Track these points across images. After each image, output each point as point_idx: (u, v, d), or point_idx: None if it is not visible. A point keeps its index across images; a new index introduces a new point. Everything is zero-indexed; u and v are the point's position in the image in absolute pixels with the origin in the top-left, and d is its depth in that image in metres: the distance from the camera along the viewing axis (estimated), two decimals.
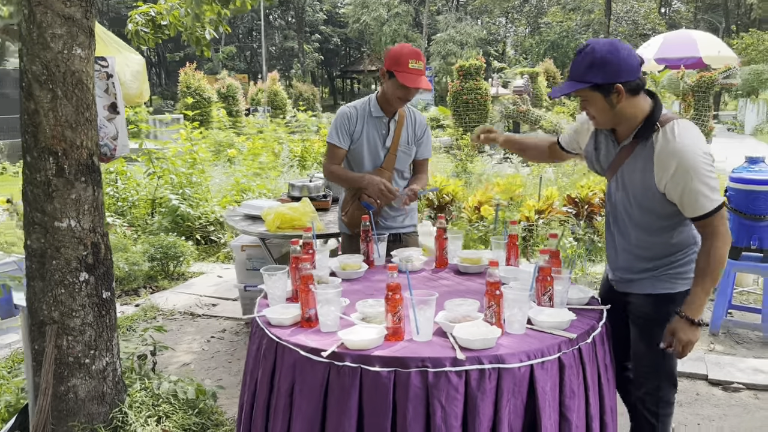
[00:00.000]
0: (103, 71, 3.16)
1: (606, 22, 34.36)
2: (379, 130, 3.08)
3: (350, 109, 3.08)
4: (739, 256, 4.08)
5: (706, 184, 2.00)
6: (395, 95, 2.91)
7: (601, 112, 2.13)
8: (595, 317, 2.16)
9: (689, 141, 2.02)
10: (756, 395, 3.38)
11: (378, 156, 3.09)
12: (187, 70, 17.77)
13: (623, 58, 2.04)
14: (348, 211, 3.14)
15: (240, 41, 45.77)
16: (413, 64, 2.82)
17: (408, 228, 3.25)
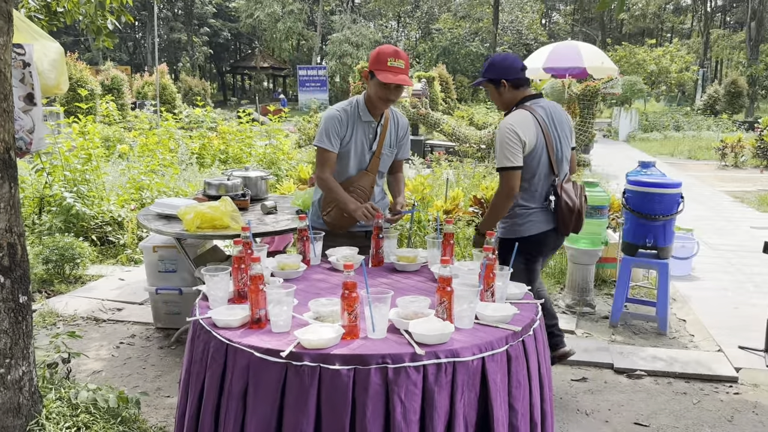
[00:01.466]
0: (20, 59, 2.92)
1: (494, 31, 35.92)
2: (367, 134, 3.07)
3: (340, 113, 3.02)
4: (636, 252, 4.42)
5: (500, 149, 2.97)
6: (377, 96, 2.91)
7: (494, 98, 3.20)
8: (532, 311, 2.27)
9: (507, 120, 3.01)
10: (656, 381, 3.68)
11: (364, 159, 3.09)
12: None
13: (508, 64, 3.09)
14: (331, 212, 3.12)
15: (122, 31, 43.51)
16: (392, 61, 2.84)
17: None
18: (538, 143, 2.97)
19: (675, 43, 37.42)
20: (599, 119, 25.50)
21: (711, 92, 28.96)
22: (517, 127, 2.93)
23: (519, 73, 3.05)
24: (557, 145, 3.06)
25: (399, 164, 3.31)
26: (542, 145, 2.99)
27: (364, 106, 3.03)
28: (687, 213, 5.56)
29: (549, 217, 3.09)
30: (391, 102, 2.97)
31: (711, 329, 4.42)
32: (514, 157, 2.91)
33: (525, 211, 3.08)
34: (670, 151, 18.04)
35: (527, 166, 2.99)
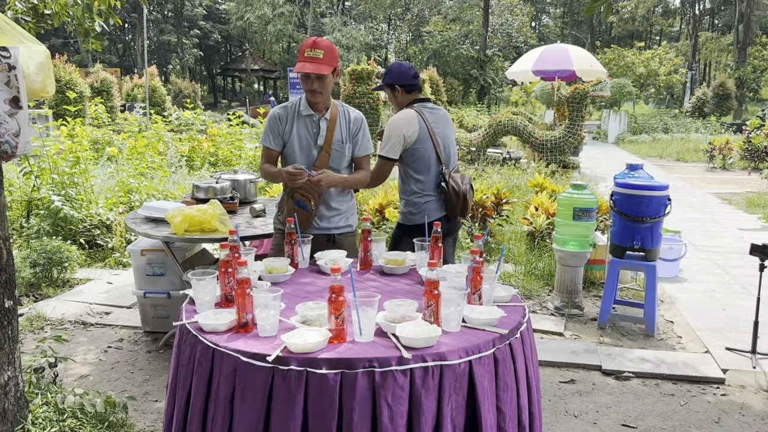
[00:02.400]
0: (5, 62, 2.90)
1: (484, 34, 36.04)
2: (309, 128, 3.09)
3: (280, 110, 3.12)
4: (624, 255, 4.44)
5: (384, 141, 3.34)
6: (304, 86, 2.98)
7: (391, 100, 3.52)
8: (519, 314, 2.28)
9: (394, 118, 3.38)
10: (644, 382, 3.70)
11: (311, 155, 3.10)
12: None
13: (402, 71, 3.44)
14: (284, 211, 3.12)
15: (111, 33, 43.31)
16: (309, 52, 2.91)
17: (343, 229, 3.23)
18: (422, 137, 3.36)
19: (664, 45, 37.69)
20: (588, 121, 25.65)
21: (699, 95, 29.17)
22: (402, 125, 3.33)
23: (411, 79, 3.45)
24: (442, 140, 3.46)
25: (360, 161, 3.24)
26: (427, 139, 3.38)
27: (305, 101, 3.08)
28: (675, 215, 5.59)
29: (440, 205, 3.44)
30: (315, 93, 3.01)
31: (698, 331, 4.45)
32: (393, 152, 3.34)
33: (419, 200, 3.43)
34: (659, 153, 18.16)
35: (418, 157, 3.38)
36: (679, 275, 5.87)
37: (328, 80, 3.00)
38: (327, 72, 2.95)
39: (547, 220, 6.12)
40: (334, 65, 3.00)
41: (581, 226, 4.62)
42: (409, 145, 3.35)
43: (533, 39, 40.78)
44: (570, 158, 12.29)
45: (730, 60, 36.09)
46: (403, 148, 3.36)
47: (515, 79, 14.96)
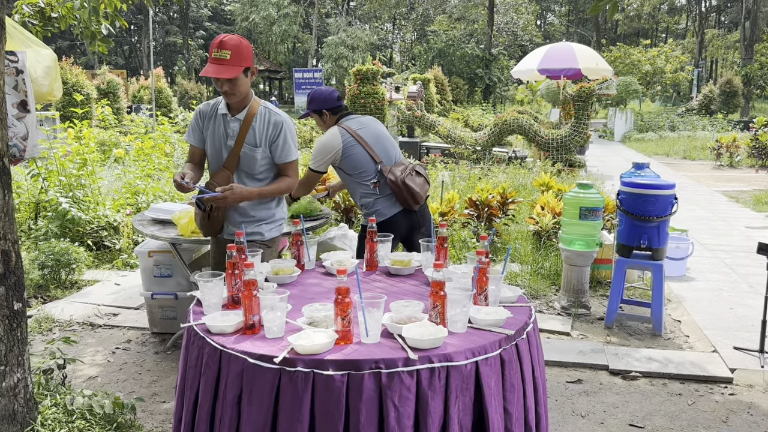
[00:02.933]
0: (13, 66, 2.92)
1: (489, 33, 36.00)
2: (224, 128, 2.95)
3: (204, 107, 3.03)
4: (631, 254, 4.43)
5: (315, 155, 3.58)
6: (218, 87, 2.83)
7: (319, 124, 3.70)
8: (526, 314, 2.28)
9: (319, 139, 3.58)
10: (651, 382, 3.70)
11: (220, 155, 2.97)
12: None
13: (326, 96, 3.63)
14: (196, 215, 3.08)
15: (118, 36, 43.49)
16: (215, 53, 2.74)
17: (250, 236, 2.95)
18: (348, 145, 3.53)
19: (670, 43, 37.53)
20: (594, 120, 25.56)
21: (706, 92, 29.04)
22: (326, 143, 3.53)
23: (335, 102, 3.64)
24: (373, 141, 3.59)
25: (283, 168, 3.06)
26: (355, 145, 3.54)
27: (223, 100, 2.96)
28: (682, 213, 5.58)
29: (391, 201, 3.57)
30: (226, 95, 2.86)
31: (706, 330, 4.43)
32: (321, 166, 3.58)
33: (368, 200, 3.58)
34: (666, 151, 18.09)
35: (354, 163, 3.55)
36: (686, 274, 5.85)
37: (240, 81, 2.81)
38: (234, 75, 2.75)
39: (554, 219, 6.11)
40: (244, 65, 2.79)
41: (588, 225, 4.62)
42: (339, 157, 3.54)
43: (538, 37, 40.71)
44: (576, 157, 12.26)
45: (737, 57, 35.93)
46: (332, 162, 3.59)
47: (521, 78, 14.94)
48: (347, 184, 3.70)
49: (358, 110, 11.95)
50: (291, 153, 3.04)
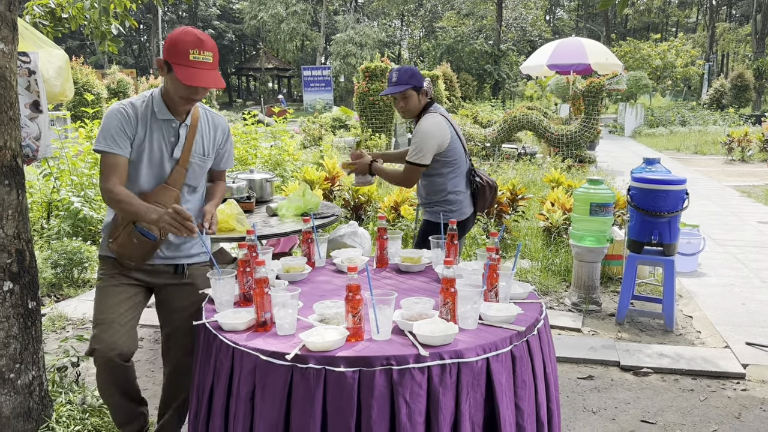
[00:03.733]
0: (25, 67, 2.95)
1: (497, 28, 35.87)
2: (166, 137, 2.44)
3: (127, 108, 2.38)
4: (642, 250, 4.42)
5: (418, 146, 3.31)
6: (177, 94, 2.33)
7: (411, 105, 3.38)
8: (536, 310, 2.28)
9: (427, 124, 3.31)
10: (663, 378, 3.69)
11: (162, 170, 2.46)
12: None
13: (420, 73, 3.38)
14: (119, 238, 2.44)
15: (127, 35, 43.75)
16: (195, 55, 2.26)
17: (195, 257, 2.64)
18: (452, 138, 3.41)
19: (680, 37, 37.26)
20: (604, 115, 25.45)
21: (717, 86, 28.82)
22: (436, 133, 3.32)
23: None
24: (462, 137, 3.55)
25: (219, 174, 2.78)
26: (456, 139, 3.45)
27: (161, 101, 2.42)
28: (693, 209, 5.55)
29: (470, 201, 3.54)
30: (194, 102, 2.41)
31: (718, 325, 4.41)
32: (425, 158, 3.34)
33: (456, 198, 3.47)
34: (677, 146, 17.98)
35: (452, 158, 3.42)
36: (697, 270, 5.82)
37: None
38: (223, 83, 2.36)
39: (564, 215, 6.09)
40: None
41: (598, 221, 4.60)
42: (444, 147, 3.37)
43: (548, 33, 40.53)
44: (586, 153, 12.22)
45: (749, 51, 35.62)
46: (436, 152, 3.37)
47: (530, 74, 14.90)
48: (434, 178, 3.45)
49: (367, 108, 11.96)
50: (232, 158, 2.78)
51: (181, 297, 2.61)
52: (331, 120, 17.84)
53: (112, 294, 2.46)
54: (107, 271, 2.51)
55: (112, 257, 2.50)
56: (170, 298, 2.62)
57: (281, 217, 3.88)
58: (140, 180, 2.43)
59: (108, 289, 2.48)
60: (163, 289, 2.62)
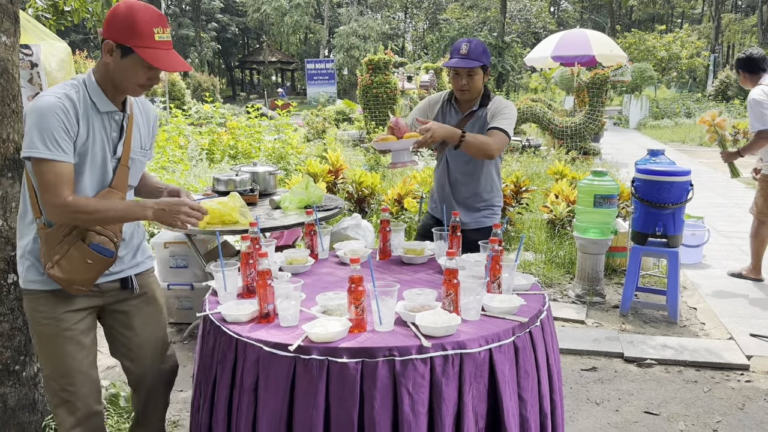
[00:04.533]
0: (27, 60, 2.95)
1: (502, 20, 35.72)
2: (108, 132, 2.09)
3: (64, 102, 1.94)
4: (646, 241, 4.41)
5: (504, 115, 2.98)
6: (134, 81, 2.00)
7: (478, 84, 3.02)
8: (539, 302, 2.28)
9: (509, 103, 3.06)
10: (666, 369, 3.69)
11: (105, 172, 2.10)
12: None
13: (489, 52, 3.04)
14: (62, 262, 2.03)
15: None
16: (160, 34, 1.98)
17: (143, 265, 2.35)
18: None
19: (685, 28, 37.07)
20: (609, 107, 25.37)
21: (722, 78, 28.65)
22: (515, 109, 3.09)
23: None
24: None
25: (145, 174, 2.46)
26: None
27: (97, 89, 2.03)
28: (698, 200, 5.53)
29: None
30: (143, 88, 2.05)
31: (722, 317, 4.40)
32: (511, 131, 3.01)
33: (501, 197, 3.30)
34: (681, 138, 17.90)
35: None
36: (702, 261, 5.81)
37: None
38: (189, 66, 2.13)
39: (568, 207, 6.08)
40: None
41: (602, 213, 4.59)
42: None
43: (552, 24, 40.36)
44: (590, 145, 12.17)
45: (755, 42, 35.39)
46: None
47: (534, 66, 14.83)
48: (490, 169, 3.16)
49: (371, 100, 11.92)
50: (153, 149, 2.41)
51: (138, 314, 2.30)
52: (335, 113, 17.83)
53: (70, 340, 2.11)
54: (48, 311, 2.08)
55: (46, 290, 2.07)
56: (125, 320, 2.28)
57: (284, 210, 3.89)
58: (82, 187, 2.03)
59: (62, 335, 2.09)
60: (113, 311, 2.25)
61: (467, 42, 3.00)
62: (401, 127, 2.80)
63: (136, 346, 2.31)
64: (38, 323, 2.10)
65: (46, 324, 2.09)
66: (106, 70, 2.00)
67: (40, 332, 2.10)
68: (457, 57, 3.00)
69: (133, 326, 2.29)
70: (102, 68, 2.01)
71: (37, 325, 2.10)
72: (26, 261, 2.08)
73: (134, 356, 2.33)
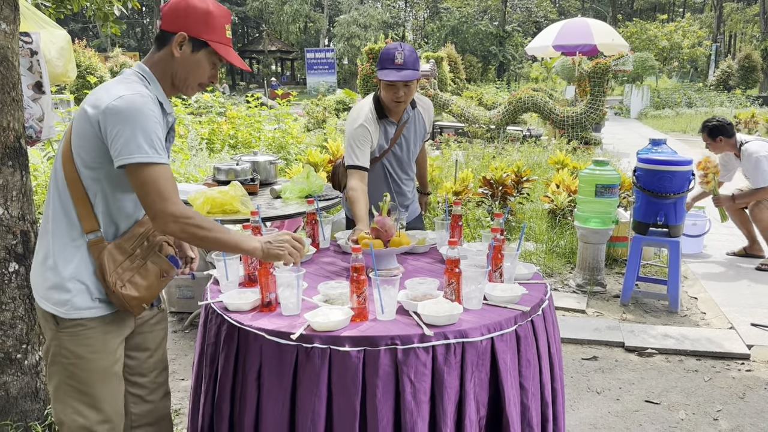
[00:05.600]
0: (27, 48, 2.93)
1: (503, 9, 35.55)
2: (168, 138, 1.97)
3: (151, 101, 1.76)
4: (647, 231, 4.40)
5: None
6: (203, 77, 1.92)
7: (413, 92, 2.89)
8: (541, 291, 2.27)
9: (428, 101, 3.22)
10: (667, 359, 3.69)
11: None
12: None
13: None
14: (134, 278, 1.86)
15: (129, 17, 43.51)
16: (229, 31, 1.92)
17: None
18: None
19: (687, 17, 36.88)
20: (610, 97, 25.28)
21: (724, 67, 28.57)
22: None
23: None
24: None
25: None
26: None
27: (159, 88, 1.88)
28: (699, 190, 5.52)
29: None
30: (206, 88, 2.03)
31: (723, 307, 4.41)
32: None
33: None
34: (683, 128, 17.87)
35: None
36: (703, 251, 5.81)
37: None
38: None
39: (569, 197, 6.07)
40: None
41: (603, 202, 4.59)
42: None
43: (553, 13, 40.17)
44: (592, 134, 12.15)
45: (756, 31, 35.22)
46: None
47: (535, 55, 14.78)
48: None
49: (371, 90, 11.90)
50: None
51: (153, 335, 2.11)
52: (335, 103, 17.77)
53: (116, 376, 1.92)
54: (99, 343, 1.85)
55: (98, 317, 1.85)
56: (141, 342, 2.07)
57: (285, 200, 3.88)
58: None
59: (111, 370, 1.90)
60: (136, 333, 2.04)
61: (400, 49, 2.76)
62: (388, 229, 2.43)
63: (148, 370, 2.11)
64: (82, 359, 1.83)
65: (94, 359, 1.84)
66: (169, 66, 1.85)
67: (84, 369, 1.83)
68: (392, 68, 2.77)
69: (146, 353, 2.09)
70: (162, 63, 1.85)
71: (82, 361, 1.83)
72: (74, 286, 1.80)
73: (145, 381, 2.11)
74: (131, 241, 1.86)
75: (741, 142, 5.25)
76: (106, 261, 1.79)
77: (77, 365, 1.82)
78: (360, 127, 2.93)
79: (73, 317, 1.79)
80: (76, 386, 1.83)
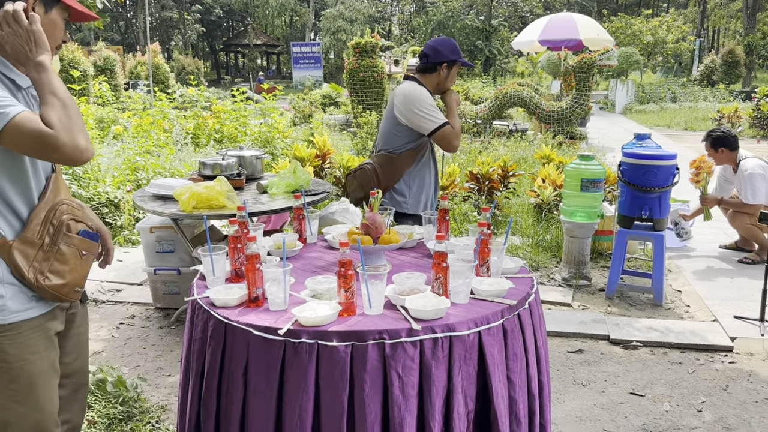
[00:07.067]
0: None
1: (489, 4, 35.57)
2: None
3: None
4: (632, 225, 4.44)
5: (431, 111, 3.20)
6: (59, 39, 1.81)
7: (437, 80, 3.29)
8: (528, 285, 2.29)
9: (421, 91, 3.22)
10: (652, 351, 3.73)
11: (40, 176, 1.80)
12: None
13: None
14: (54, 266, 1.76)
15: (113, 11, 43.03)
16: None
17: None
18: None
19: (671, 13, 37.12)
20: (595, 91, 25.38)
21: (708, 62, 28.79)
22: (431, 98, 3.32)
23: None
24: None
25: None
26: None
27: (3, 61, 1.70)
28: (683, 184, 5.57)
29: None
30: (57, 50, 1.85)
31: (706, 300, 4.46)
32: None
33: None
34: (667, 122, 18.01)
35: None
36: (687, 245, 5.86)
37: None
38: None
39: (555, 191, 6.11)
40: None
41: (589, 197, 4.61)
42: None
43: (539, 8, 40.25)
44: (577, 129, 12.21)
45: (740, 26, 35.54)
46: None
47: (521, 50, 14.82)
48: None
49: (357, 84, 11.86)
50: None
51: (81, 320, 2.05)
52: (321, 97, 17.73)
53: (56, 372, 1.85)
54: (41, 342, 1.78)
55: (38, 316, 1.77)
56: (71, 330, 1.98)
57: (272, 195, 3.86)
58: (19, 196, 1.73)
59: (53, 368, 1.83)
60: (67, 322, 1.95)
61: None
62: (378, 225, 2.40)
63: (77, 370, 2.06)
64: (24, 360, 1.73)
65: (35, 360, 1.75)
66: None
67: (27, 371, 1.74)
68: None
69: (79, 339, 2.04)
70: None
71: (24, 363, 1.73)
72: (5, 291, 1.69)
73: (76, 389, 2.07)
74: (35, 231, 1.73)
75: (741, 157, 5.31)
76: (18, 260, 1.69)
77: (21, 368, 1.73)
78: (430, 97, 3.27)
79: (11, 321, 1.71)
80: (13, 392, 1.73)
